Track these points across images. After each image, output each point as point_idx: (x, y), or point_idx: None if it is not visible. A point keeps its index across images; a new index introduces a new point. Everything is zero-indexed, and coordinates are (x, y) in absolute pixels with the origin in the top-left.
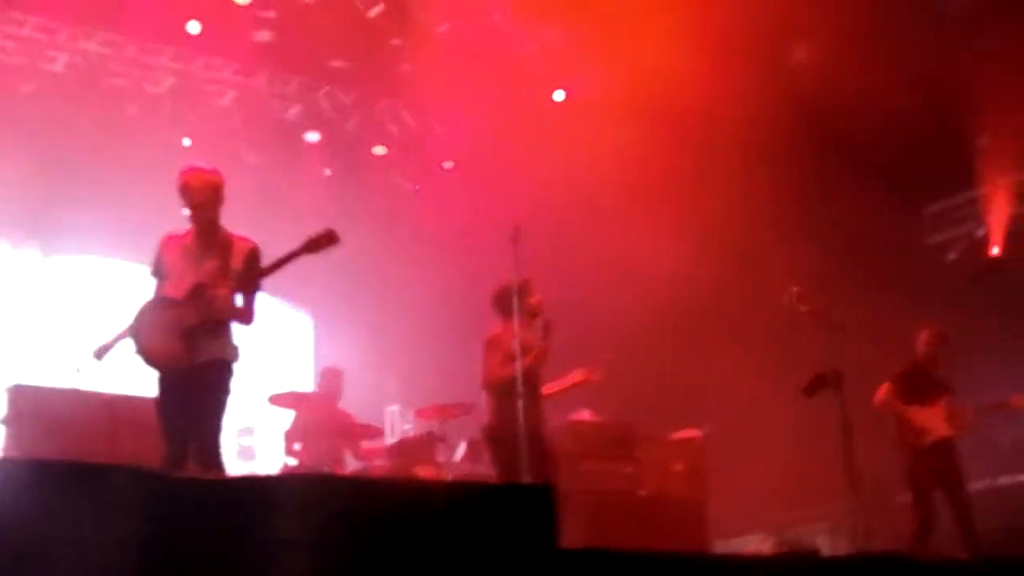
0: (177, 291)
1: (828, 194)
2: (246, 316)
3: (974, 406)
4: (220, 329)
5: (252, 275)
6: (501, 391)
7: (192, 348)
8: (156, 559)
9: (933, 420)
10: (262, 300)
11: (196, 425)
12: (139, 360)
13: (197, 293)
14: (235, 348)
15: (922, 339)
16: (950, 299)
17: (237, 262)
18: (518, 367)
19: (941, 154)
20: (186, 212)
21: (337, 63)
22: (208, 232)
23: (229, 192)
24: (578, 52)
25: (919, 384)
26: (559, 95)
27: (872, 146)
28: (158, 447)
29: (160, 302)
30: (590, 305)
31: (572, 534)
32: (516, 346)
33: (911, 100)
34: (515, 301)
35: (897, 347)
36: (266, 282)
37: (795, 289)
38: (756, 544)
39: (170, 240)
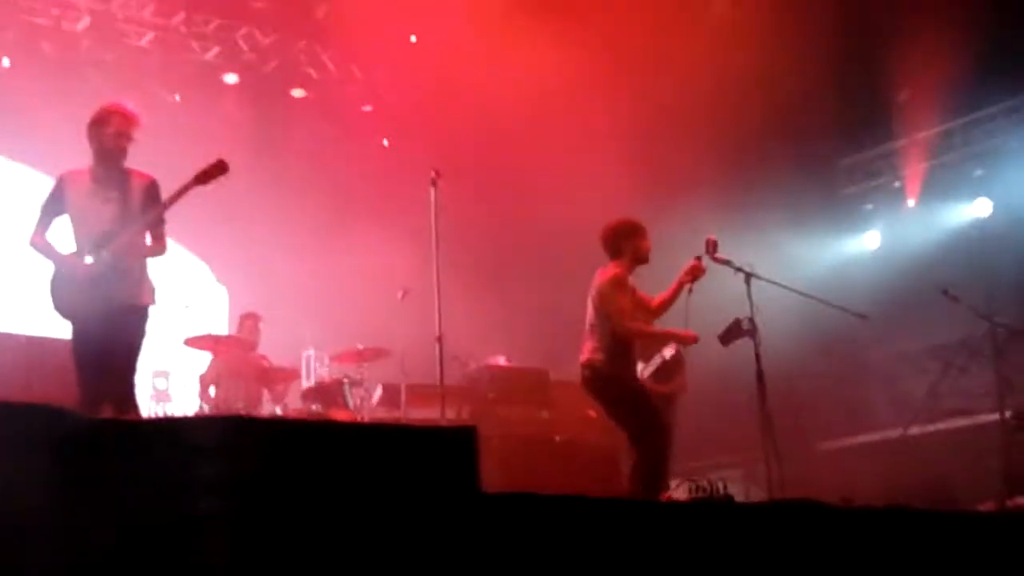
0: (82, 239)
1: (745, 148)
2: (157, 249)
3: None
4: (131, 273)
5: (153, 210)
6: (625, 340)
7: (103, 296)
8: (70, 499)
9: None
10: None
11: (111, 368)
12: (57, 314)
13: (101, 242)
14: (150, 290)
15: None
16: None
17: (136, 199)
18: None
19: (857, 108)
20: (94, 145)
21: (256, 4)
22: (109, 169)
23: (147, 134)
24: None
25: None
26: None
27: (789, 101)
28: (74, 390)
29: (67, 256)
30: (509, 248)
31: (487, 478)
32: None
33: (829, 54)
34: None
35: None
36: (178, 230)
37: (710, 238)
38: (669, 490)
39: (70, 178)
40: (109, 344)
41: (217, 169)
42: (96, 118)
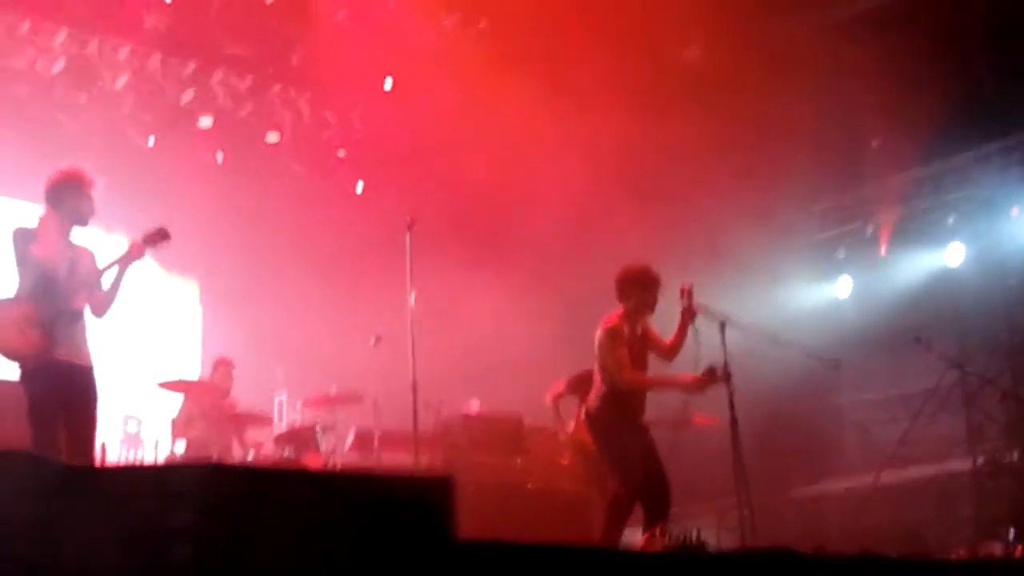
0: (42, 293)
1: (721, 194)
2: (98, 313)
3: None
4: (84, 332)
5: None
6: (627, 392)
7: (50, 340)
8: (41, 544)
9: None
10: (150, 286)
11: (74, 420)
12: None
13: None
14: (88, 354)
15: None
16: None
17: (84, 263)
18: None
19: (832, 154)
20: (68, 207)
21: (233, 49)
22: (72, 232)
23: (120, 177)
24: (474, 43)
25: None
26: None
27: (765, 147)
28: (13, 430)
29: (9, 300)
30: (482, 297)
31: (459, 525)
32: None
33: (805, 100)
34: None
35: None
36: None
37: (684, 286)
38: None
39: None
40: (77, 400)
41: (158, 236)
42: (70, 183)
